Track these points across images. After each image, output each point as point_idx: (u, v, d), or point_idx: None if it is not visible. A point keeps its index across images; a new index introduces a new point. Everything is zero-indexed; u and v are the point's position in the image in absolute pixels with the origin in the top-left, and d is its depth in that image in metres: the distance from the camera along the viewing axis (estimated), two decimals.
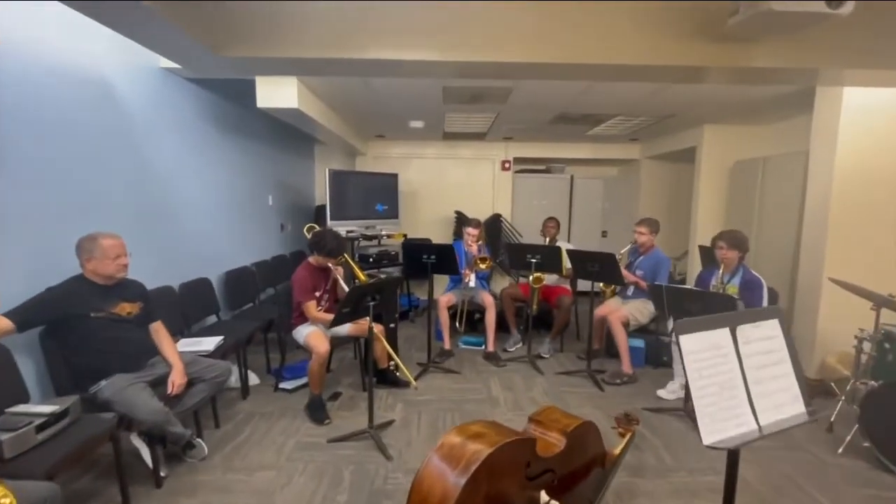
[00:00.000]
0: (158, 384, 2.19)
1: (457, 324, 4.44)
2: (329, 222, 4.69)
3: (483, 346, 4.19)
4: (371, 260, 5.03)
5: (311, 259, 3.16)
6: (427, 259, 3.66)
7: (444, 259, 3.68)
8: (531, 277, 3.96)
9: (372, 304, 2.55)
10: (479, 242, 4.23)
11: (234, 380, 3.08)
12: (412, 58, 2.44)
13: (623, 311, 3.62)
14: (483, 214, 5.91)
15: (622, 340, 3.58)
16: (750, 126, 4.77)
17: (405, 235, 5.49)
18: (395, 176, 5.61)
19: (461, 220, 6.05)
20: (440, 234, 6.25)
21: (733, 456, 1.33)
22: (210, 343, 2.74)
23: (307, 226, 3.62)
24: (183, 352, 2.42)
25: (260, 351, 3.68)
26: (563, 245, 4.15)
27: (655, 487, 2.27)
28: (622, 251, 3.75)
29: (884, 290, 2.67)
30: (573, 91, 3.68)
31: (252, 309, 3.89)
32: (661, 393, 3.31)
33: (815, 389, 3.37)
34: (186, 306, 3.12)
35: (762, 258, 4.13)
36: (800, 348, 3.42)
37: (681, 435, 2.77)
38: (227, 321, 3.53)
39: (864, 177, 3.23)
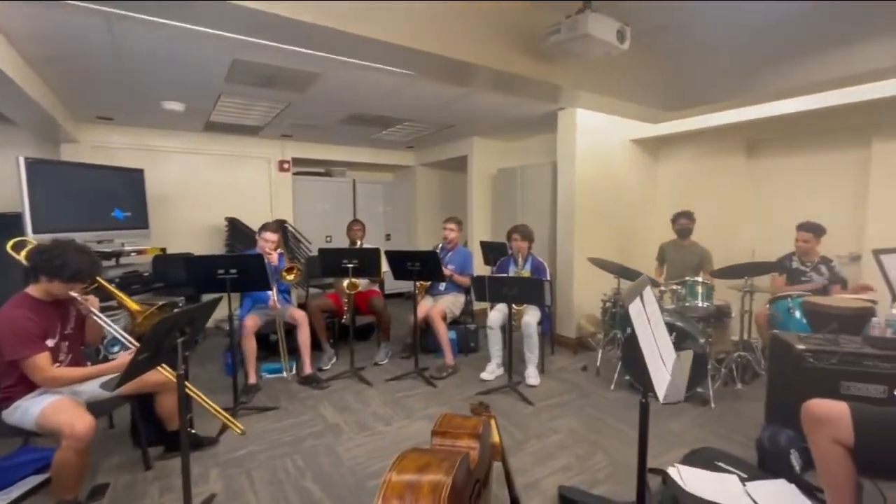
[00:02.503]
0: None
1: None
2: (31, 235, 3.13)
3: (291, 371, 3.64)
4: (114, 284, 3.62)
5: (31, 290, 2.02)
6: (225, 275, 2.88)
7: (249, 272, 2.97)
8: (346, 283, 3.66)
9: (181, 340, 1.80)
10: (279, 251, 3.65)
11: None
12: None
13: (441, 306, 3.78)
14: (262, 220, 5.12)
15: (444, 334, 3.73)
16: (508, 141, 5.79)
17: (163, 250, 4.22)
18: (139, 172, 4.23)
19: (236, 229, 5.10)
20: (207, 247, 5.10)
21: (645, 410, 1.50)
22: None
23: (14, 241, 2.27)
24: None
25: None
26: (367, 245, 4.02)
27: (519, 462, 2.42)
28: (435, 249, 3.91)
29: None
30: (379, 90, 3.60)
31: None
32: (484, 375, 3.60)
33: (576, 346, 4.36)
34: None
35: None
36: (562, 315, 4.36)
37: (514, 409, 3.07)
38: None
39: (596, 180, 4.37)
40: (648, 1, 2.52)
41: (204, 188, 5.24)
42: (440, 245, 4.07)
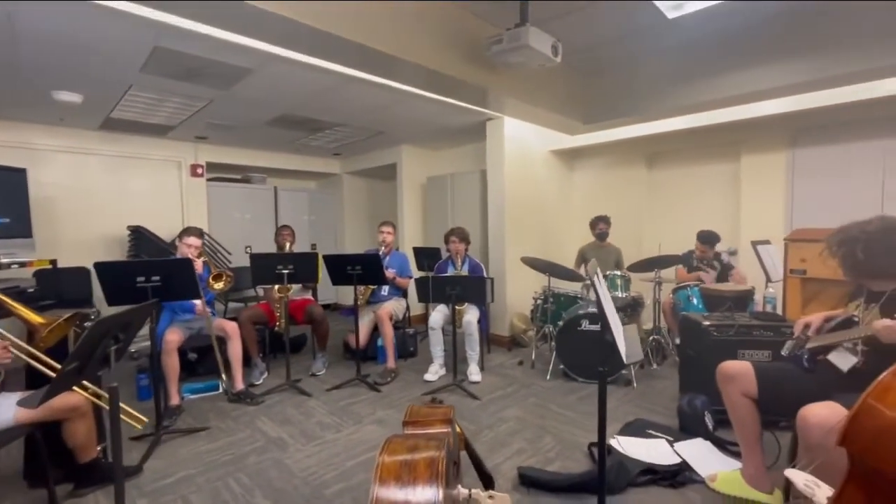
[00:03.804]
0: None
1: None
2: None
3: (218, 390, 3.36)
4: None
5: None
6: (146, 282, 2.59)
7: (175, 279, 2.70)
8: (276, 286, 3.49)
9: (115, 347, 1.61)
10: (203, 258, 3.37)
11: None
12: None
13: (388, 309, 3.75)
14: (174, 229, 4.67)
15: (390, 336, 3.70)
16: (437, 150, 5.93)
17: (53, 262, 3.64)
18: (21, 173, 3.63)
19: (142, 238, 4.57)
20: (105, 259, 4.48)
21: (603, 391, 1.64)
22: None
23: None
24: None
25: None
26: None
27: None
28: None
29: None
30: (312, 91, 3.52)
31: None
32: (428, 376, 3.62)
33: (510, 343, 4.57)
34: None
35: None
36: (496, 314, 4.55)
37: (463, 404, 3.13)
38: None
39: (522, 187, 4.66)
40: (575, 21, 2.82)
41: (101, 193, 4.63)
42: (376, 250, 4.04)
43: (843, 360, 1.76)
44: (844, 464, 1.51)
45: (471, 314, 3.68)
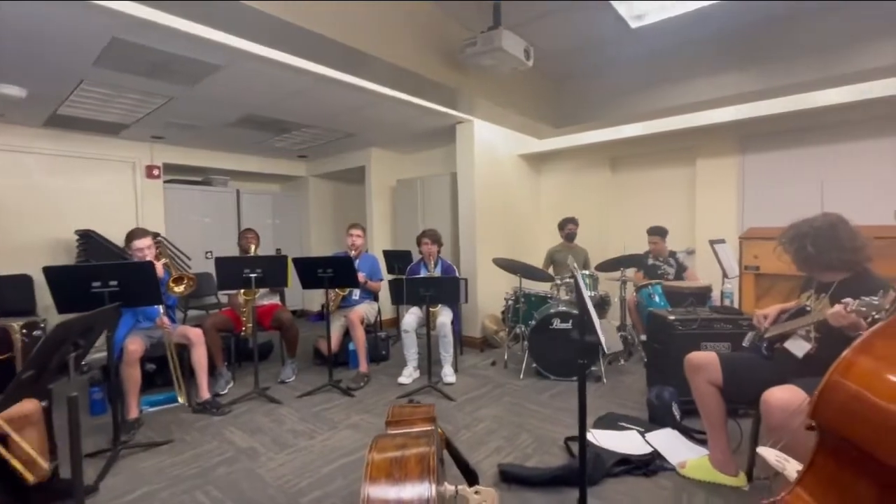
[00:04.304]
0: None
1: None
2: None
3: (177, 401, 3.19)
4: None
5: None
6: (103, 287, 2.43)
7: (136, 283, 2.55)
8: (243, 291, 3.37)
9: (74, 355, 1.50)
10: (163, 261, 3.20)
11: None
12: None
13: (360, 311, 3.69)
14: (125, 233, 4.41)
15: (362, 339, 3.65)
16: (406, 153, 5.92)
17: None
18: None
19: (92, 244, 4.30)
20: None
21: (583, 382, 1.68)
22: None
23: None
24: None
25: None
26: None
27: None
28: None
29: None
30: (282, 91, 3.44)
31: None
32: (402, 379, 3.59)
33: (482, 344, 4.60)
34: None
35: None
36: (467, 316, 4.58)
37: (439, 405, 3.08)
38: None
39: (492, 191, 4.72)
40: (547, 26, 2.91)
41: (45, 196, 4.31)
42: (345, 253, 3.97)
43: (798, 347, 1.89)
44: (804, 441, 1.62)
45: (444, 316, 3.68)
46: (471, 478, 1.75)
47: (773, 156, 4.13)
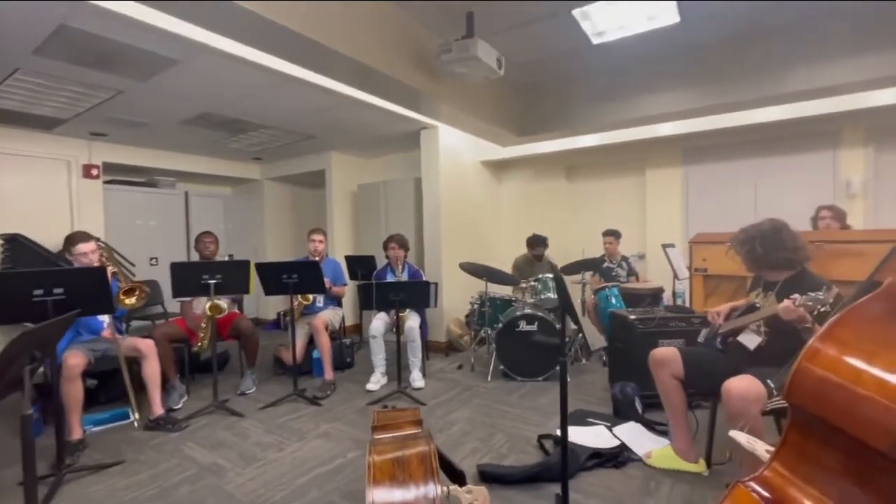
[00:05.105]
0: None
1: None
2: None
3: (127, 419, 2.96)
4: None
5: None
6: (46, 296, 2.21)
7: (83, 291, 2.34)
8: (208, 305, 3.18)
9: (29, 367, 1.36)
10: (112, 269, 2.97)
11: None
12: None
13: (324, 318, 3.59)
14: (62, 237, 4.03)
15: (327, 346, 3.55)
16: (367, 157, 5.85)
17: None
18: None
19: (21, 249, 3.89)
20: None
21: (564, 375, 1.74)
22: None
23: None
24: None
25: None
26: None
27: None
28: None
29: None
30: (241, 90, 3.31)
31: None
32: (370, 386, 3.52)
33: (447, 348, 4.62)
34: None
35: None
36: (433, 321, 4.60)
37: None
38: None
39: (456, 196, 4.77)
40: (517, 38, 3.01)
41: None
42: (306, 258, 3.86)
43: (750, 341, 2.07)
44: (759, 425, 1.77)
45: (413, 320, 3.67)
46: (457, 478, 1.76)
47: (713, 167, 4.50)
